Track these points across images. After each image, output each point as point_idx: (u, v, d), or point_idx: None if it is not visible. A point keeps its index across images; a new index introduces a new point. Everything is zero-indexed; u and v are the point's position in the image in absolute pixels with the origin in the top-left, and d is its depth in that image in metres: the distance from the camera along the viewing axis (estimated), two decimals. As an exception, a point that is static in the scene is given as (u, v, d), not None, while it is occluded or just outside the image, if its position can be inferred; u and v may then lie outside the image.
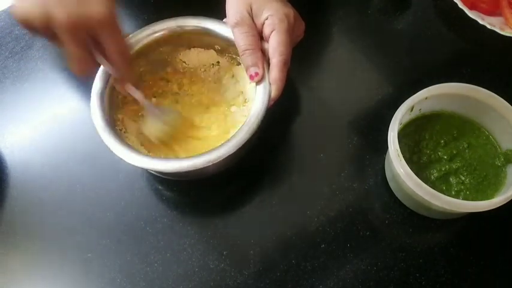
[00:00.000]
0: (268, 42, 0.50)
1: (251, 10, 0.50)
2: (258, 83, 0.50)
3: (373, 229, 0.51)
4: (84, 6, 0.41)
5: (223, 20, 0.54)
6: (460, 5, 0.61)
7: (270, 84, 0.50)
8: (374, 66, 0.61)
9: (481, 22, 0.60)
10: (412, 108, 0.49)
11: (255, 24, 0.51)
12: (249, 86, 0.54)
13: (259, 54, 0.50)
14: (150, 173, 0.55)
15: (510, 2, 0.62)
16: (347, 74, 0.52)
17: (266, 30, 0.50)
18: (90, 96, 0.61)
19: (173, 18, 0.54)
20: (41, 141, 0.58)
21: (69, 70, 0.61)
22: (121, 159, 0.46)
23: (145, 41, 0.53)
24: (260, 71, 0.50)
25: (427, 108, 0.52)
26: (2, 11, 0.67)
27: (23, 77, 0.62)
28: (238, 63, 0.56)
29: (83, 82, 0.62)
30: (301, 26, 0.53)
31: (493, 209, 0.44)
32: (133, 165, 0.46)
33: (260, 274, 0.50)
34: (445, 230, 0.52)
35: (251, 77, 0.50)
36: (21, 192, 0.55)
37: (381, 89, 0.60)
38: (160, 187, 0.55)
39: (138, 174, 0.55)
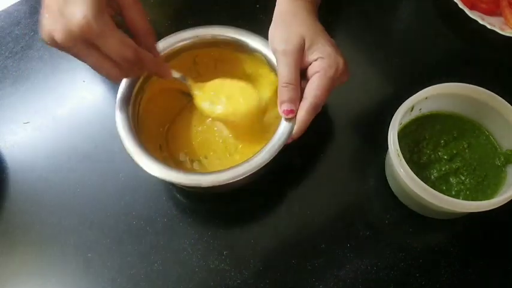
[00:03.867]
0: (308, 81, 0.48)
1: (303, 43, 0.48)
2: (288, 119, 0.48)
3: (373, 229, 0.51)
4: (68, 19, 0.38)
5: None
6: (460, 5, 0.61)
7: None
8: (374, 66, 0.61)
9: (481, 22, 0.60)
10: (412, 108, 0.49)
11: (302, 58, 0.48)
12: None
13: (299, 91, 0.47)
14: (150, 174, 0.55)
15: (510, 2, 0.62)
16: (347, 74, 0.52)
17: (311, 70, 0.48)
18: (89, 97, 0.61)
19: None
20: (41, 142, 0.58)
21: (70, 72, 0.62)
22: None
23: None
24: (296, 110, 0.47)
25: (427, 108, 0.52)
26: (2, 11, 0.67)
27: (23, 77, 0.62)
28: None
29: (83, 82, 0.62)
30: (347, 75, 0.50)
31: (493, 209, 0.44)
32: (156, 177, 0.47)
33: (260, 274, 0.50)
34: (445, 230, 0.52)
35: (285, 112, 0.47)
36: (21, 192, 0.55)
37: (381, 89, 0.60)
38: (160, 188, 0.55)
39: (137, 175, 0.55)
